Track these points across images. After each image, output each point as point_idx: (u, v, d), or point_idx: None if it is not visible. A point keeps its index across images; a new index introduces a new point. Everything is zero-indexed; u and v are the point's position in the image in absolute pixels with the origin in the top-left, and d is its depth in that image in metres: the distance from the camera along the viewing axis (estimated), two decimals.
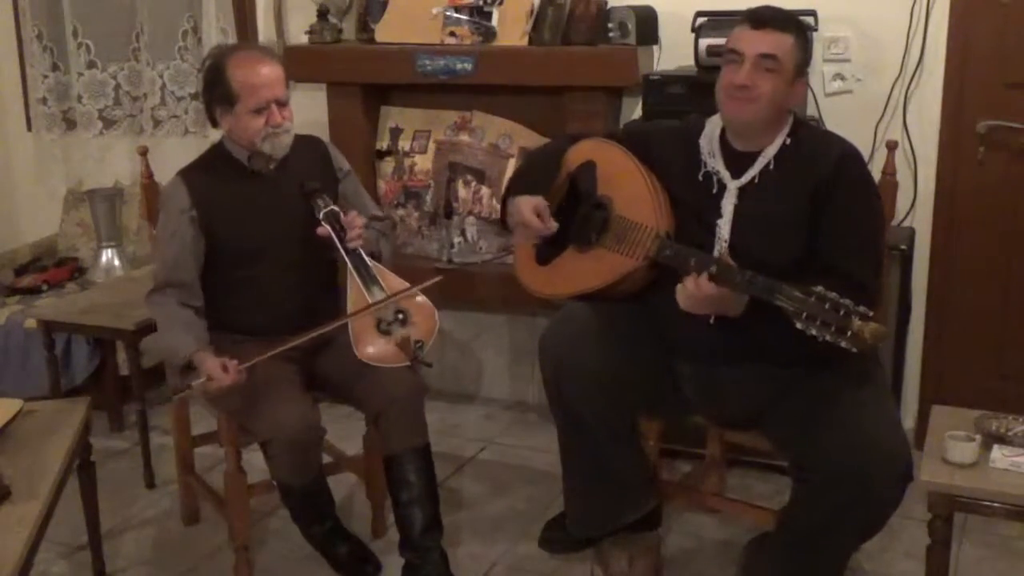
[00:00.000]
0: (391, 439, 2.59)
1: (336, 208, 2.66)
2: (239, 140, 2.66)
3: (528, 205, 2.47)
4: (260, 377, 2.51)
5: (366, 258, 2.65)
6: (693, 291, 2.18)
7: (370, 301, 2.60)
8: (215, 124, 2.70)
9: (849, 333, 1.94)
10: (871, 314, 1.95)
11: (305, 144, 2.78)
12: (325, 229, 2.62)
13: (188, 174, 2.70)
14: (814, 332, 1.98)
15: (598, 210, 2.47)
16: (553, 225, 2.47)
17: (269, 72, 2.60)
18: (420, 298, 2.66)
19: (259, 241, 2.66)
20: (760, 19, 2.30)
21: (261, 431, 2.49)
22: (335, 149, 2.91)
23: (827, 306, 1.97)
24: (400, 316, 2.62)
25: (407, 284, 2.66)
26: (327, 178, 2.79)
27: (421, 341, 2.59)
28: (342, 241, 2.62)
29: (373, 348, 2.58)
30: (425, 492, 2.61)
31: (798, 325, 2.01)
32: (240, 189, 2.68)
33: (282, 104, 2.62)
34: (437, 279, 2.66)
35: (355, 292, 2.62)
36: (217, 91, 2.62)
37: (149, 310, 2.73)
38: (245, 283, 2.67)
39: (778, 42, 2.27)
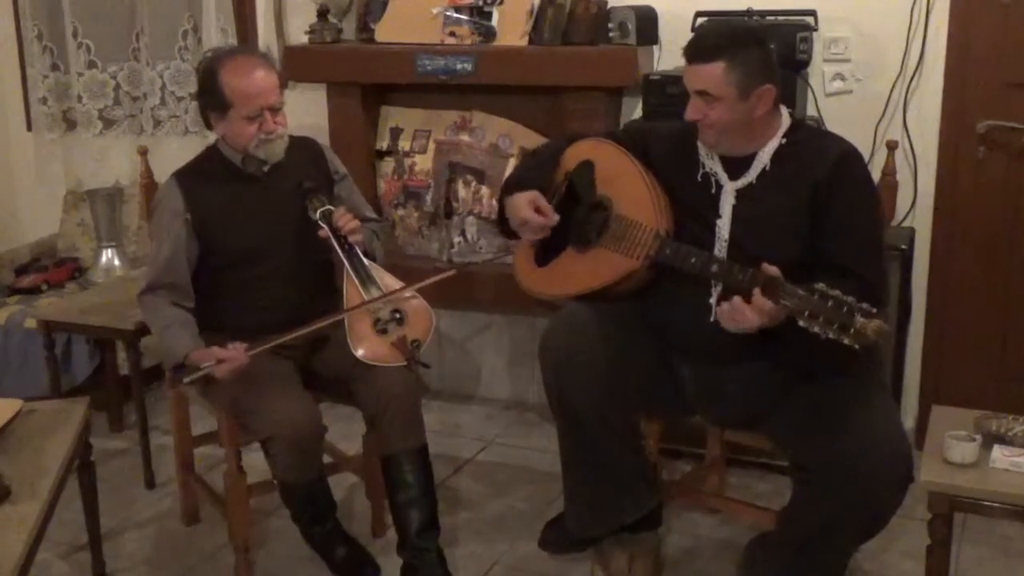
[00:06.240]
0: (388, 439, 2.59)
1: (332, 208, 2.66)
2: (233, 144, 2.66)
3: (524, 201, 2.47)
4: (259, 375, 2.52)
5: (363, 258, 2.65)
6: (757, 310, 2.10)
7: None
8: (209, 127, 2.71)
9: (852, 331, 1.93)
10: (875, 310, 1.94)
11: (300, 146, 2.78)
12: (325, 230, 2.62)
13: (183, 176, 2.70)
14: (817, 330, 1.98)
15: (597, 210, 2.47)
16: (554, 216, 2.46)
17: (263, 79, 2.60)
18: (413, 296, 2.65)
19: (253, 244, 2.66)
20: (688, 54, 2.29)
21: (262, 429, 2.49)
22: (331, 152, 2.91)
23: (830, 304, 1.97)
24: (397, 315, 2.61)
25: (404, 284, 2.66)
26: (323, 180, 2.79)
27: (418, 340, 2.59)
28: (340, 241, 2.62)
29: (369, 347, 2.57)
30: (422, 492, 2.61)
31: (800, 323, 2.00)
32: (234, 192, 2.68)
33: (275, 110, 2.62)
34: (432, 280, 2.65)
35: (352, 292, 2.62)
36: (211, 96, 2.62)
37: (141, 310, 2.73)
38: (240, 285, 2.67)
39: (706, 75, 2.24)
